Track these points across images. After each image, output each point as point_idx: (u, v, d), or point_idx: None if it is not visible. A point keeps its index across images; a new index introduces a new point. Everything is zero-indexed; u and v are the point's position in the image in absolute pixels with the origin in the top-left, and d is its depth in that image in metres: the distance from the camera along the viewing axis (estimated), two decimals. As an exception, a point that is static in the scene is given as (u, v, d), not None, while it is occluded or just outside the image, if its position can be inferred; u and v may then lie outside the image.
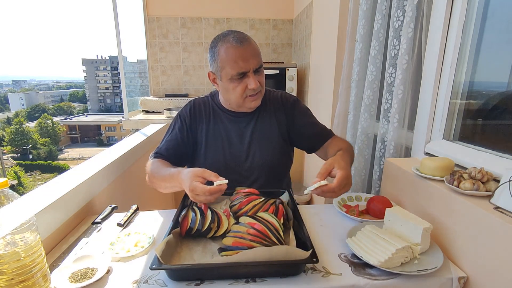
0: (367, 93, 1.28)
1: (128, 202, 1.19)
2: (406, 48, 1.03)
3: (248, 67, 0.94)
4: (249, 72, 0.95)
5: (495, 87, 0.96)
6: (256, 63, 0.96)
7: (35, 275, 0.56)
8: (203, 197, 0.78)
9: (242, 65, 0.94)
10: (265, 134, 1.09)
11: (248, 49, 0.95)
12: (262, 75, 1.01)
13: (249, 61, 0.94)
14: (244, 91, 0.98)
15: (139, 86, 3.07)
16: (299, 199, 2.25)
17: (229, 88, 0.99)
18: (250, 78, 0.96)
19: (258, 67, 0.97)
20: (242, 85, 0.97)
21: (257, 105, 1.04)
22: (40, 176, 25.17)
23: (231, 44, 0.94)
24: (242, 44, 0.94)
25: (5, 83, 72.17)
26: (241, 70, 0.94)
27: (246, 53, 0.94)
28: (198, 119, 1.10)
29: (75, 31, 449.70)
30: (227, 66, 0.95)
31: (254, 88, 0.96)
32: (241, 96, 0.99)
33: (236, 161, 1.07)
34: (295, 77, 2.39)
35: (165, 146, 1.08)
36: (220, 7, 2.85)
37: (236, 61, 0.93)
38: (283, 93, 1.16)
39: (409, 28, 1.01)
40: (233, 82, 0.97)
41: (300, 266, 0.67)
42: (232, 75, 0.95)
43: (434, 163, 0.83)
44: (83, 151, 33.79)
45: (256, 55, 0.97)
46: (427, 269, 0.66)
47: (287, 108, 1.12)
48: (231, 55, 0.93)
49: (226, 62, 0.95)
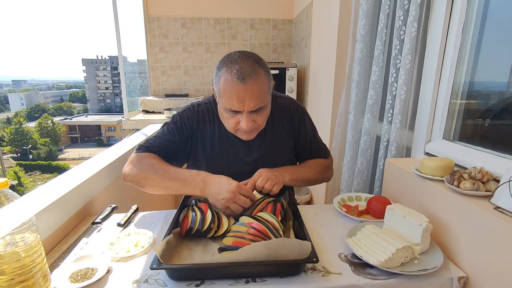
0: (370, 93, 1.28)
1: (128, 202, 1.19)
2: (410, 48, 1.03)
3: (242, 108, 0.87)
4: (244, 112, 0.88)
5: (495, 87, 0.96)
6: (253, 105, 0.87)
7: (35, 275, 0.56)
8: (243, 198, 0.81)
9: (236, 104, 0.86)
10: (274, 148, 1.04)
11: (249, 89, 0.85)
12: (262, 115, 0.92)
13: (245, 102, 0.86)
14: (236, 125, 0.92)
15: (139, 86, 3.07)
16: (299, 199, 2.25)
17: (223, 116, 0.95)
18: (244, 117, 0.89)
19: (256, 109, 0.88)
20: (235, 120, 0.91)
21: (249, 138, 0.97)
22: (40, 176, 25.17)
23: (231, 78, 0.84)
24: (244, 82, 0.84)
25: (5, 83, 72.18)
26: (234, 108, 0.88)
27: (244, 93, 0.85)
28: (202, 126, 1.03)
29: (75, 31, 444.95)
30: (223, 98, 0.88)
31: (245, 129, 0.90)
32: (233, 128, 0.94)
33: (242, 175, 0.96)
34: (295, 77, 2.39)
35: (157, 143, 0.99)
36: (220, 7, 2.85)
37: (232, 98, 0.86)
38: (291, 103, 1.09)
39: (413, 27, 1.01)
40: (227, 113, 0.91)
41: (300, 266, 0.67)
42: (225, 108, 0.90)
43: (434, 163, 0.84)
44: (83, 151, 33.79)
45: (257, 97, 0.87)
46: (427, 269, 0.66)
47: (295, 120, 1.07)
48: (228, 90, 0.85)
49: (223, 93, 0.88)
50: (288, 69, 2.37)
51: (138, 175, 0.92)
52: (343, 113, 1.55)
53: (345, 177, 1.51)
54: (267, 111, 0.94)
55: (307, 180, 1.05)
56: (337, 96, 1.66)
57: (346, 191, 1.50)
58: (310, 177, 1.06)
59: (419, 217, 0.73)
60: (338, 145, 1.60)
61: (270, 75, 0.92)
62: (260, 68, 0.87)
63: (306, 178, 1.04)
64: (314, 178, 1.08)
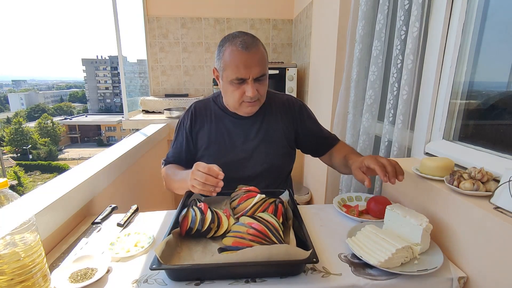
0: (369, 93, 1.28)
1: (128, 202, 1.19)
2: (412, 47, 1.02)
3: (248, 74, 0.93)
4: (249, 80, 0.94)
5: (495, 87, 0.96)
6: (258, 71, 0.94)
7: (35, 275, 0.56)
8: (199, 173, 0.78)
9: (242, 71, 0.93)
10: (270, 137, 1.09)
11: (253, 56, 0.93)
12: (264, 85, 0.99)
13: (251, 69, 0.93)
14: (241, 96, 0.98)
15: (139, 86, 3.07)
16: (299, 199, 2.25)
17: (227, 90, 0.99)
18: (249, 86, 0.95)
19: (260, 76, 0.95)
20: (240, 90, 0.96)
21: (252, 111, 1.04)
22: (40, 176, 25.16)
23: (236, 48, 0.92)
24: (248, 50, 0.92)
25: (5, 83, 72.16)
26: (240, 76, 0.93)
27: (249, 60, 0.92)
28: (200, 123, 1.09)
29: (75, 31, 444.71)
30: (229, 69, 0.94)
31: (251, 96, 0.96)
32: (238, 100, 0.99)
33: (239, 163, 1.07)
34: (295, 77, 2.39)
35: (172, 154, 1.13)
36: (220, 7, 2.85)
37: (238, 66, 0.92)
38: (289, 97, 1.16)
39: (414, 27, 1.01)
40: (232, 86, 0.97)
41: (300, 266, 0.67)
42: (231, 79, 0.95)
43: (434, 163, 0.83)
44: (83, 151, 33.78)
45: (260, 64, 0.95)
46: (427, 269, 0.66)
47: (295, 113, 1.12)
48: (234, 59, 0.92)
49: (228, 65, 0.94)
50: (288, 69, 2.37)
51: (166, 185, 1.07)
52: (341, 113, 1.55)
53: (344, 177, 1.51)
54: (267, 82, 1.01)
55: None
56: (337, 96, 1.66)
57: (346, 191, 1.50)
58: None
59: (419, 217, 0.73)
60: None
61: (266, 51, 1.01)
62: (258, 42, 0.97)
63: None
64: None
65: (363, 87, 1.38)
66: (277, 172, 1.12)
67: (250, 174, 1.07)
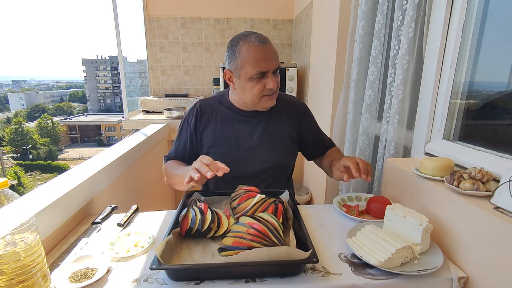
0: (368, 93, 1.28)
1: (128, 202, 1.19)
2: (407, 48, 1.03)
3: (269, 67, 0.96)
4: (269, 73, 0.97)
5: (495, 87, 0.96)
6: (276, 64, 0.98)
7: (35, 275, 0.56)
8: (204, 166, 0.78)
9: (263, 65, 0.95)
10: (275, 135, 1.10)
11: (270, 50, 0.97)
12: (278, 77, 1.03)
13: (270, 61, 0.96)
14: (262, 91, 0.99)
15: (139, 86, 3.07)
16: (299, 199, 2.25)
17: (246, 88, 1.00)
18: (269, 79, 0.98)
19: (277, 68, 0.99)
20: (261, 85, 0.98)
21: (272, 104, 1.05)
22: (40, 176, 25.16)
23: (253, 44, 0.95)
24: (265, 44, 0.96)
25: (5, 83, 72.15)
26: (262, 69, 0.95)
27: (268, 54, 0.96)
28: (205, 121, 1.10)
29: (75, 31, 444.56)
30: (248, 65, 0.96)
31: (272, 88, 0.99)
32: (258, 95, 1.00)
33: (244, 161, 1.07)
34: (295, 77, 2.39)
35: (174, 151, 1.13)
36: (220, 7, 2.85)
37: (258, 61, 0.95)
38: (294, 99, 1.20)
39: (410, 28, 1.01)
40: (252, 82, 0.98)
41: (300, 266, 0.67)
42: (252, 75, 0.96)
43: (434, 163, 0.83)
44: (83, 151, 33.78)
45: (276, 56, 0.99)
46: (427, 269, 0.66)
47: (299, 114, 1.16)
48: (253, 54, 0.94)
49: (247, 62, 0.95)
50: (288, 69, 2.37)
51: (166, 180, 1.07)
52: (341, 113, 1.55)
53: (345, 177, 1.50)
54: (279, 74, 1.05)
55: None
56: (337, 96, 1.66)
57: (345, 191, 1.50)
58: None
59: (419, 217, 0.73)
60: (337, 144, 1.60)
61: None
62: (270, 40, 1.00)
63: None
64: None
65: (363, 87, 1.38)
66: (281, 170, 1.14)
67: (254, 172, 1.08)
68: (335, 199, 1.01)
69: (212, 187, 1.14)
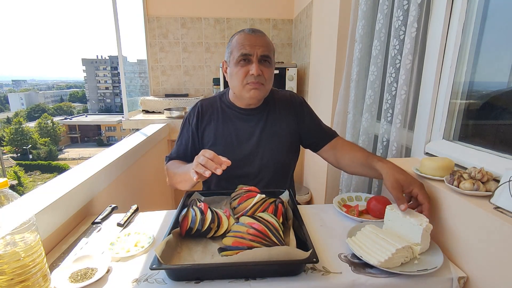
0: (369, 93, 1.28)
1: (128, 202, 1.19)
2: (410, 48, 1.02)
3: (253, 51, 0.98)
4: (253, 57, 0.98)
5: (495, 87, 0.96)
6: (262, 50, 0.98)
7: (35, 275, 0.56)
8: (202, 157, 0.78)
9: (248, 48, 0.97)
10: (275, 132, 1.10)
11: (258, 37, 0.99)
12: (269, 69, 1.02)
13: (256, 47, 0.98)
14: (245, 76, 1.00)
15: (139, 86, 3.06)
16: (299, 199, 2.25)
17: (233, 73, 1.02)
18: (253, 64, 0.98)
19: (264, 56, 0.99)
20: (244, 69, 0.99)
21: (256, 95, 1.02)
22: (40, 176, 25.15)
23: (244, 33, 1.01)
24: (254, 33, 1.00)
25: (5, 83, 72.13)
26: (245, 51, 0.97)
27: (255, 40, 0.98)
28: (206, 120, 1.11)
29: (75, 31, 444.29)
30: (235, 50, 1.00)
31: (254, 74, 0.98)
32: (242, 81, 1.00)
33: (245, 159, 1.08)
34: (295, 77, 2.39)
35: (176, 151, 1.13)
36: (220, 7, 2.85)
37: (244, 45, 0.98)
38: (291, 93, 1.20)
39: (413, 27, 1.01)
40: (237, 66, 1.00)
41: (300, 266, 0.67)
42: (237, 58, 0.99)
43: (434, 163, 0.83)
44: (83, 151, 33.77)
45: (265, 45, 1.00)
46: (427, 269, 0.66)
47: (296, 107, 1.15)
48: (241, 40, 0.99)
49: (235, 46, 1.00)
50: (288, 69, 2.37)
51: (169, 180, 1.06)
52: (341, 112, 1.55)
53: (344, 177, 1.51)
54: (272, 70, 1.05)
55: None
56: (336, 96, 1.66)
57: (345, 190, 1.50)
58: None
59: (419, 217, 0.73)
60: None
61: (273, 45, 1.06)
62: (265, 34, 1.04)
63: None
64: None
65: (363, 87, 1.38)
66: (283, 167, 1.13)
67: (256, 170, 1.08)
68: (335, 199, 1.01)
69: (213, 187, 1.14)
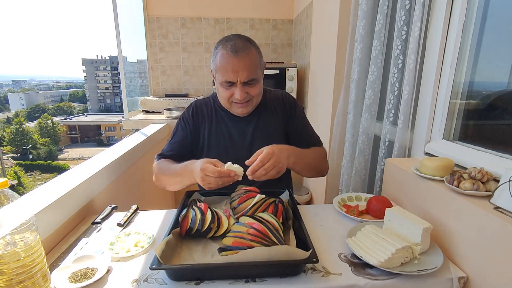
0: (368, 93, 1.28)
1: (128, 202, 1.19)
2: (413, 47, 1.02)
3: (236, 78, 0.96)
4: (237, 83, 0.97)
5: (495, 87, 0.96)
6: (246, 76, 0.96)
7: (35, 275, 0.56)
8: (212, 178, 0.81)
9: (231, 75, 0.96)
10: (267, 132, 1.11)
11: (241, 61, 0.95)
12: (255, 87, 1.01)
13: (238, 73, 0.95)
14: (230, 98, 1.01)
15: (139, 86, 3.06)
16: (299, 199, 2.25)
17: (219, 91, 1.04)
18: (237, 89, 0.98)
19: (248, 80, 0.97)
20: (229, 92, 1.00)
21: (244, 112, 1.06)
22: (40, 176, 25.15)
23: (226, 52, 0.95)
24: (237, 54, 0.94)
25: (5, 83, 72.11)
26: (229, 79, 0.97)
27: (237, 65, 0.95)
28: (201, 120, 1.12)
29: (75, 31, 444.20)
30: (219, 72, 0.98)
31: (239, 99, 0.99)
32: (228, 101, 1.03)
33: (239, 160, 1.07)
34: (295, 77, 2.39)
35: (169, 148, 1.12)
36: (220, 7, 2.85)
37: (227, 70, 0.96)
38: (283, 92, 1.19)
39: (416, 27, 1.00)
40: (222, 87, 1.01)
41: (300, 266, 0.67)
42: (221, 81, 0.99)
43: (434, 163, 0.83)
44: (83, 151, 33.77)
45: (249, 68, 0.96)
46: (427, 269, 0.66)
47: (286, 107, 1.15)
48: (223, 62, 0.96)
49: (219, 68, 0.98)
50: (288, 69, 2.37)
51: (157, 179, 1.06)
52: (341, 113, 1.55)
53: (344, 177, 1.51)
54: (260, 85, 1.03)
55: (309, 164, 1.06)
56: (336, 96, 1.66)
57: (345, 190, 1.50)
58: (311, 162, 1.07)
59: (420, 222, 0.73)
60: (337, 144, 1.60)
61: (260, 54, 1.03)
62: (251, 46, 0.99)
63: (308, 161, 1.05)
64: (314, 164, 1.09)
65: (363, 87, 1.38)
66: None
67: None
68: (335, 199, 1.01)
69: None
